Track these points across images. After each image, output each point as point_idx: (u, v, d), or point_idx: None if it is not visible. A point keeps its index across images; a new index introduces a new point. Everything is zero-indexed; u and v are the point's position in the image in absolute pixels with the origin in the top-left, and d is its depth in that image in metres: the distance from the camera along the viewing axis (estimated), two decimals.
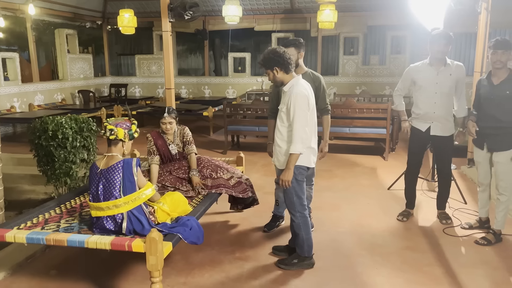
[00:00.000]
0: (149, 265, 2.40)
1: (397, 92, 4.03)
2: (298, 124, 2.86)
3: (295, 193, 3.06)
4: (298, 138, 2.85)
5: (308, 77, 3.53)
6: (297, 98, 2.87)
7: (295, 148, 2.86)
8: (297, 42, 3.50)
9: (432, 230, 3.85)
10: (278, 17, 11.10)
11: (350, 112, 6.50)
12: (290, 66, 2.95)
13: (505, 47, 3.28)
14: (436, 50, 3.65)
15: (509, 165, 3.39)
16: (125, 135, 2.74)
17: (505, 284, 2.93)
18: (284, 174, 2.94)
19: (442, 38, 3.61)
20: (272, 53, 2.95)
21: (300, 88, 2.92)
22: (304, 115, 2.88)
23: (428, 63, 3.76)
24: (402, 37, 10.70)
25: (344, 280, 3.02)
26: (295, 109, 2.86)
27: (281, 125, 3.02)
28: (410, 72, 3.90)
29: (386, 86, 10.71)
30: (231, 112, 7.16)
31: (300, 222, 3.11)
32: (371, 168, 5.99)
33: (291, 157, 2.89)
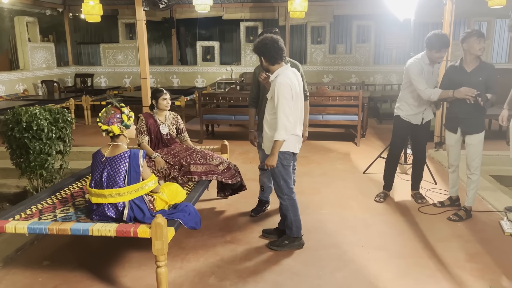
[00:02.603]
0: (155, 249, 2.45)
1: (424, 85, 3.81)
2: (281, 112, 2.98)
3: (282, 177, 3.20)
4: (281, 125, 2.98)
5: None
6: (280, 87, 2.98)
7: (279, 135, 2.99)
8: (272, 31, 3.58)
9: (408, 209, 4.11)
10: (246, 6, 11.12)
11: (323, 100, 6.70)
12: (276, 59, 3.05)
13: (484, 36, 3.58)
14: (437, 57, 3.76)
15: (480, 146, 3.69)
16: (121, 129, 2.76)
17: (477, 255, 3.21)
18: (269, 159, 3.08)
19: (446, 46, 3.72)
20: (261, 42, 3.05)
21: (284, 78, 3.03)
22: (287, 103, 2.99)
23: (428, 62, 3.86)
24: (367, 27, 11.03)
25: (332, 258, 3.19)
26: (278, 98, 2.98)
27: (269, 113, 3.15)
28: (421, 68, 3.84)
29: (352, 75, 11.03)
30: (205, 101, 7.17)
31: (288, 204, 3.26)
32: (345, 154, 6.24)
33: (275, 143, 3.02)
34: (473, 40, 3.54)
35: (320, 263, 3.12)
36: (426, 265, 3.06)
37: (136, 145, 3.98)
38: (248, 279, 2.91)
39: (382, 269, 3.02)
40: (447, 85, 3.78)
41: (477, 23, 10.68)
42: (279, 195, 3.28)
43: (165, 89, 4.07)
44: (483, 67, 3.61)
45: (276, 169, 3.15)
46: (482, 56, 3.61)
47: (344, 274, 2.97)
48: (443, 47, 3.68)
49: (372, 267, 3.05)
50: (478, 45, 3.54)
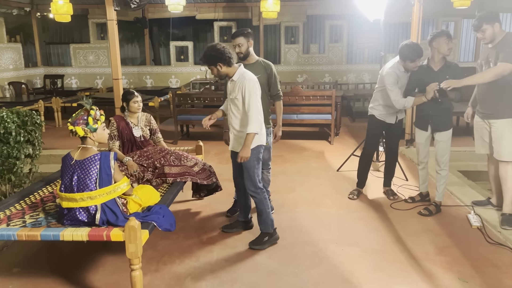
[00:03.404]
0: (129, 253, 2.42)
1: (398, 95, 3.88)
2: (253, 106, 3.12)
3: (256, 171, 3.28)
4: (254, 119, 3.12)
5: (259, 65, 3.67)
6: (251, 84, 3.12)
7: (252, 128, 3.12)
8: (245, 32, 3.62)
9: (381, 205, 4.21)
10: (219, 6, 11.09)
11: (297, 100, 6.76)
12: (232, 60, 3.17)
13: (452, 37, 3.68)
14: (412, 67, 3.82)
15: (449, 143, 3.82)
16: (85, 131, 2.71)
17: (446, 248, 3.31)
18: (243, 151, 3.17)
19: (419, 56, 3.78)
20: (213, 50, 3.12)
21: (250, 75, 3.19)
22: (258, 98, 3.17)
23: (403, 70, 3.91)
24: (339, 27, 11.19)
25: (308, 255, 3.24)
26: (250, 94, 3.10)
27: (238, 112, 3.22)
28: (397, 76, 3.91)
29: (325, 74, 11.17)
30: (179, 102, 7.12)
31: (262, 198, 3.33)
32: (319, 152, 6.32)
33: (248, 136, 3.14)
34: (443, 40, 3.65)
35: (295, 261, 3.16)
36: (398, 260, 3.15)
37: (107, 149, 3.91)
38: (225, 279, 2.91)
39: (356, 265, 3.08)
40: (414, 84, 3.89)
41: (445, 23, 11.02)
42: (253, 189, 3.32)
43: (139, 90, 4.04)
44: (449, 66, 3.74)
45: (252, 163, 3.23)
46: (449, 55, 3.73)
47: (320, 271, 3.01)
48: (417, 57, 3.76)
49: (346, 263, 3.10)
50: (447, 45, 3.66)
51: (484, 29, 3.42)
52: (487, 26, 3.41)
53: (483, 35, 3.45)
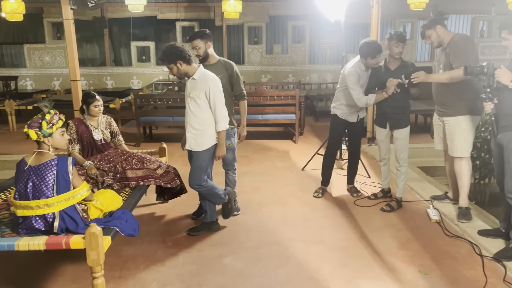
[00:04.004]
0: (90, 260, 2.34)
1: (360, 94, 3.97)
2: (219, 104, 3.19)
3: (205, 170, 3.34)
4: (222, 116, 3.20)
5: (220, 65, 3.65)
6: (214, 83, 3.17)
7: (222, 125, 3.22)
8: (202, 33, 3.59)
9: (345, 203, 4.28)
10: (181, 6, 10.95)
11: (261, 100, 6.78)
12: (191, 58, 3.21)
13: (404, 40, 3.79)
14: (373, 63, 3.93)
15: (407, 140, 3.95)
16: (38, 135, 2.59)
17: (408, 242, 3.42)
18: (219, 150, 3.30)
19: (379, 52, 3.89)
20: (173, 48, 3.15)
21: (211, 74, 3.23)
22: (222, 95, 3.24)
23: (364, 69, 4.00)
24: (302, 27, 11.33)
25: (274, 255, 3.24)
26: (214, 92, 3.15)
27: (198, 110, 3.23)
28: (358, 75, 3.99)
29: (289, 74, 11.28)
30: (141, 103, 6.97)
31: (208, 187, 3.41)
32: (284, 152, 6.36)
33: (221, 134, 3.23)
34: (393, 43, 3.77)
35: (262, 261, 3.16)
36: (362, 255, 3.21)
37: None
38: (191, 283, 2.87)
39: (322, 262, 3.11)
40: (374, 84, 3.99)
41: (402, 24, 11.40)
42: (198, 183, 3.35)
43: (99, 91, 3.92)
44: (405, 65, 3.86)
45: (204, 162, 3.29)
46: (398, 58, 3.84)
47: (286, 270, 3.02)
48: (376, 53, 3.87)
49: (312, 261, 3.13)
50: (397, 49, 3.77)
51: (429, 34, 3.61)
52: (430, 32, 3.59)
53: (430, 40, 3.63)
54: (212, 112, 3.21)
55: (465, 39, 3.57)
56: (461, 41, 3.53)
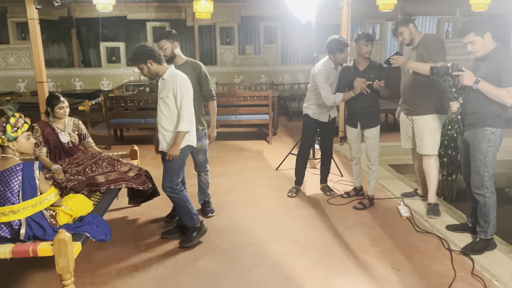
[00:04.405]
0: (59, 268, 2.26)
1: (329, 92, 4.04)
2: (185, 105, 3.13)
3: (178, 172, 3.27)
4: (186, 117, 3.14)
5: (188, 66, 3.62)
6: (182, 82, 3.13)
7: (183, 126, 3.13)
8: (168, 34, 3.55)
9: (319, 202, 4.33)
10: (152, 6, 10.80)
11: (235, 100, 6.77)
12: (162, 58, 3.16)
13: (372, 39, 3.87)
14: (342, 59, 4.02)
15: (377, 138, 4.02)
16: (2, 140, 2.49)
17: (380, 239, 3.48)
18: (172, 149, 3.15)
19: (346, 46, 3.99)
20: (143, 48, 3.12)
21: (181, 74, 3.19)
22: (190, 97, 3.17)
23: (333, 67, 4.09)
24: (273, 28, 11.37)
25: (249, 256, 3.24)
26: (182, 93, 3.10)
27: (168, 111, 3.19)
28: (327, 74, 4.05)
29: (262, 75, 11.30)
30: (112, 105, 6.82)
31: (181, 196, 3.30)
32: (258, 152, 6.37)
33: (179, 134, 3.14)
34: (362, 43, 3.84)
35: (237, 262, 3.15)
36: (336, 253, 3.25)
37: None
38: (165, 287, 2.83)
39: (297, 262, 3.13)
40: (344, 85, 4.05)
41: (372, 25, 11.63)
42: (172, 188, 3.28)
43: (67, 93, 3.81)
44: (374, 65, 3.94)
45: (176, 163, 3.21)
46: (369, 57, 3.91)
47: (262, 271, 3.02)
48: (344, 47, 3.96)
49: (287, 261, 3.15)
50: (366, 48, 3.85)
51: (401, 31, 3.68)
52: (403, 28, 3.66)
53: (402, 37, 3.70)
54: (178, 111, 3.15)
55: (437, 38, 3.71)
56: (434, 39, 3.66)
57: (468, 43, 3.04)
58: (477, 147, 3.07)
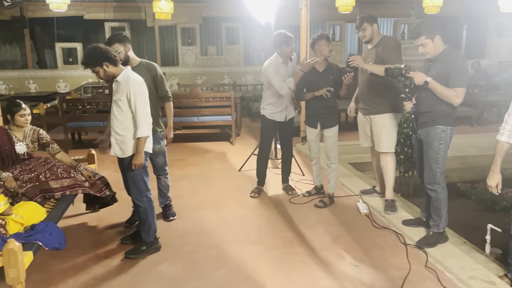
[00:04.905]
0: (9, 279, 2.17)
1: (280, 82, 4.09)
2: (141, 109, 2.99)
3: (142, 179, 3.16)
4: (143, 122, 3.00)
5: (143, 67, 3.55)
6: (136, 85, 3.00)
7: (143, 131, 3.01)
8: (120, 37, 3.46)
9: (281, 201, 4.37)
10: (110, 6, 10.52)
11: (196, 102, 6.71)
12: (117, 58, 3.04)
13: (330, 39, 3.95)
14: (288, 51, 4.10)
15: (336, 138, 4.11)
16: None
17: (340, 236, 3.56)
18: (136, 158, 3.03)
19: (290, 39, 4.06)
20: (96, 49, 2.97)
21: (136, 76, 3.07)
22: (145, 100, 3.05)
23: (281, 61, 4.16)
24: (235, 29, 11.37)
25: (212, 258, 3.22)
26: (136, 96, 2.97)
27: (121, 115, 3.06)
28: (276, 66, 4.13)
29: (225, 76, 11.28)
30: (69, 108, 6.60)
31: (147, 206, 3.22)
32: (221, 153, 6.35)
33: (140, 141, 3.01)
34: (323, 43, 3.91)
35: (199, 265, 3.12)
36: (298, 252, 3.29)
37: None
38: None
39: (259, 262, 3.15)
40: (303, 85, 4.12)
41: (331, 26, 11.87)
42: (138, 198, 3.19)
43: (21, 96, 3.64)
44: (332, 66, 4.02)
45: (136, 171, 3.09)
46: (330, 56, 4.00)
47: (224, 272, 3.02)
48: (288, 39, 4.05)
49: (249, 262, 3.16)
50: (327, 47, 3.93)
51: (365, 27, 3.76)
52: (367, 25, 3.75)
53: (363, 33, 3.78)
54: (133, 116, 3.02)
55: (396, 41, 3.84)
56: (392, 42, 3.79)
57: (420, 45, 3.16)
58: (429, 144, 3.20)
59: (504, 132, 2.62)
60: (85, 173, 3.53)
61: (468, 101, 8.01)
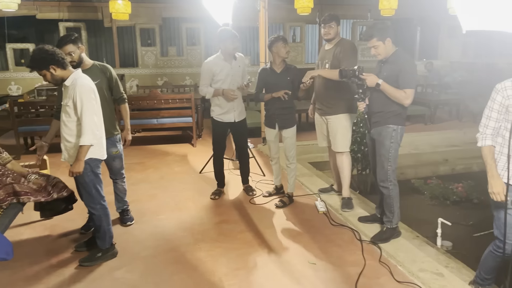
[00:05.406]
0: None
1: (204, 85, 4.21)
2: (87, 115, 2.87)
3: (93, 186, 3.07)
4: (88, 129, 2.88)
5: (96, 70, 3.47)
6: (83, 90, 2.87)
7: (86, 139, 2.88)
8: (72, 37, 3.35)
9: (241, 202, 4.38)
10: (64, 5, 10.16)
11: (156, 104, 6.61)
12: (66, 61, 2.92)
13: (287, 41, 3.99)
14: (231, 48, 4.12)
15: (294, 138, 4.16)
16: None
17: (298, 235, 3.61)
18: (75, 166, 2.92)
19: (234, 37, 4.09)
20: (42, 52, 2.83)
21: (84, 80, 2.94)
22: (92, 106, 2.91)
23: (223, 59, 4.17)
24: (196, 29, 11.27)
25: (170, 262, 3.19)
26: (82, 101, 2.86)
27: (69, 120, 2.96)
28: (210, 67, 4.18)
29: (186, 77, 11.16)
30: (20, 111, 6.32)
31: (101, 214, 3.14)
32: (182, 156, 6.28)
33: (82, 148, 2.89)
34: (280, 44, 3.95)
35: (157, 270, 3.08)
36: (257, 252, 3.31)
37: None
38: None
39: (218, 264, 3.14)
40: (261, 85, 4.14)
41: (292, 28, 12.01)
42: (91, 205, 3.12)
43: None
44: (289, 68, 4.07)
45: (87, 178, 3.00)
46: (288, 58, 4.04)
47: (181, 277, 2.99)
48: (233, 36, 4.09)
49: (208, 264, 3.14)
50: (284, 49, 3.97)
51: (332, 25, 3.83)
52: (334, 24, 3.83)
53: (329, 31, 3.84)
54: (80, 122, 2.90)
55: (353, 44, 3.94)
56: (350, 45, 3.88)
57: (372, 47, 3.26)
58: (381, 143, 3.31)
59: (487, 137, 2.43)
60: (36, 182, 3.38)
61: (422, 100, 8.36)
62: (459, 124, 8.05)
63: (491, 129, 2.41)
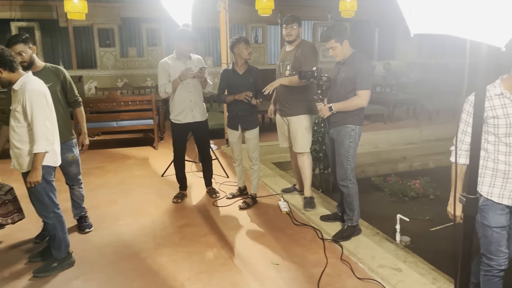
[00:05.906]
0: None
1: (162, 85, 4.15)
2: (38, 121, 2.74)
3: (46, 194, 2.94)
4: (41, 136, 2.75)
5: (49, 72, 3.33)
6: (32, 95, 2.73)
7: (40, 146, 2.75)
8: (23, 37, 3.20)
9: (204, 205, 4.33)
10: (16, 4, 9.71)
11: (115, 106, 6.44)
12: (15, 63, 2.76)
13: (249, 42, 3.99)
14: (185, 49, 4.08)
15: (257, 139, 4.16)
16: None
17: (262, 236, 3.62)
18: (32, 175, 2.79)
19: (189, 38, 4.06)
20: None
21: (34, 84, 2.79)
22: (43, 111, 2.78)
23: (176, 58, 4.13)
24: (157, 30, 11.07)
25: (130, 269, 3.10)
26: (32, 107, 2.72)
27: (18, 126, 2.81)
28: (165, 67, 4.14)
29: (147, 78, 10.94)
30: None
31: (55, 222, 3.03)
32: (143, 159, 6.15)
33: (37, 156, 2.77)
34: (242, 46, 3.93)
35: (117, 277, 2.99)
36: (220, 255, 3.28)
37: None
38: None
39: (180, 269, 3.09)
40: (224, 87, 4.12)
41: (254, 29, 12.04)
42: (44, 214, 3.00)
43: None
44: (251, 69, 4.06)
45: (39, 186, 2.87)
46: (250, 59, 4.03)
47: (142, 283, 2.92)
48: (189, 37, 4.08)
49: (170, 269, 3.09)
50: (246, 50, 3.96)
51: (294, 27, 3.85)
52: (296, 25, 3.85)
53: (291, 32, 3.86)
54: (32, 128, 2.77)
55: (313, 46, 3.98)
56: (311, 46, 3.92)
57: (330, 48, 3.32)
58: (340, 142, 3.37)
59: (461, 153, 2.25)
60: None
61: (381, 99, 8.60)
62: (416, 123, 8.34)
63: (466, 144, 2.21)
